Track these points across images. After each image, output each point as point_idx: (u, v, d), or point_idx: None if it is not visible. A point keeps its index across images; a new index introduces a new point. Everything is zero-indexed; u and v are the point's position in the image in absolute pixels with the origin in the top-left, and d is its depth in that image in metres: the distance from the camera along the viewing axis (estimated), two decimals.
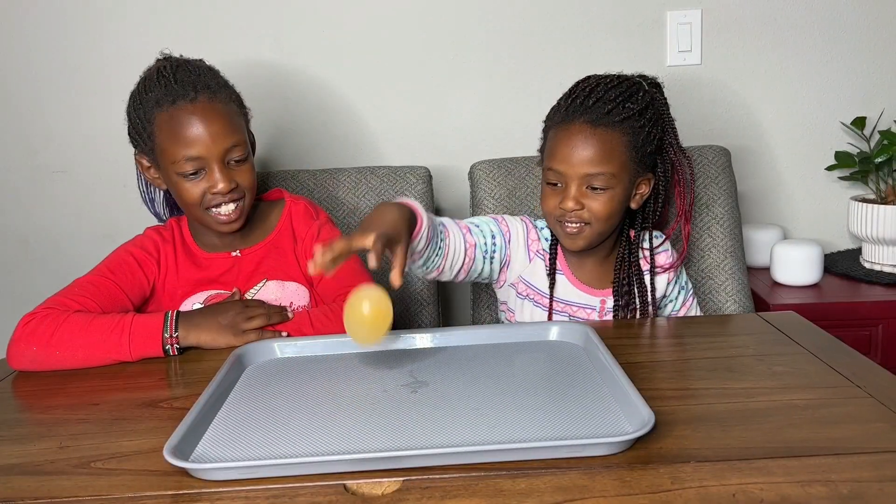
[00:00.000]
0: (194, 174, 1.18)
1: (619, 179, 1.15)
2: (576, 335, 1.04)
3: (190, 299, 1.27)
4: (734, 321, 1.14)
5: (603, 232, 1.19)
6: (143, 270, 1.25)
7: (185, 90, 1.17)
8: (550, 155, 1.18)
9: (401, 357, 1.02)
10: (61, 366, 1.08)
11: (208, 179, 1.18)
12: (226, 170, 1.19)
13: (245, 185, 1.22)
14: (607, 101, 1.15)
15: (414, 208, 1.03)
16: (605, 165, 1.14)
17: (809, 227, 1.91)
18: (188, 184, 1.19)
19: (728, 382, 0.90)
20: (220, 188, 1.18)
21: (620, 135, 1.14)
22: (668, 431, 0.78)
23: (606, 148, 1.13)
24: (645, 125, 1.17)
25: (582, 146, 1.13)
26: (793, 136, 1.86)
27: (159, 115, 1.18)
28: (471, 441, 0.76)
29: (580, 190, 1.15)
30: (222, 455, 0.77)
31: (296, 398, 0.90)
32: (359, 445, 0.77)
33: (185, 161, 1.17)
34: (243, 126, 1.24)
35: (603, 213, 1.16)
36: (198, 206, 1.21)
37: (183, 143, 1.16)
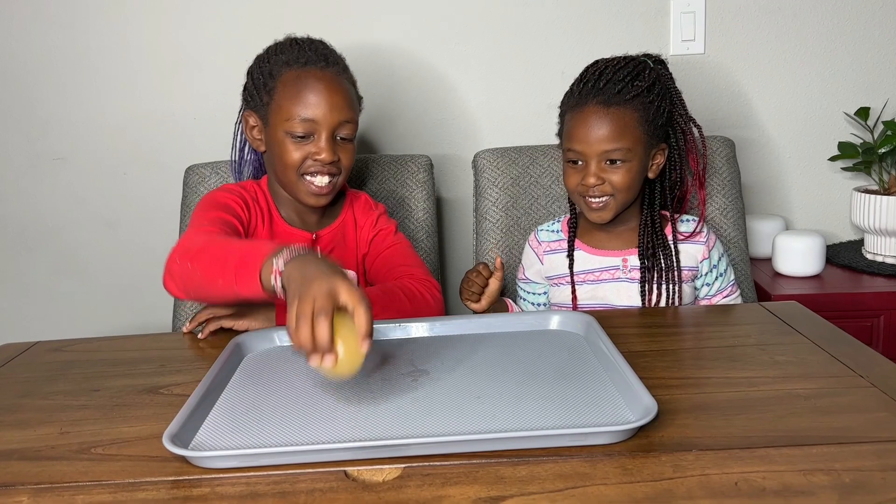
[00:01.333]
0: (303, 137, 1.20)
1: (635, 152, 1.22)
2: (577, 324, 1.04)
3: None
4: (737, 311, 1.14)
5: (626, 201, 1.26)
6: (235, 210, 1.21)
7: (318, 58, 1.21)
8: (569, 137, 1.25)
9: (401, 346, 1.02)
10: (192, 288, 1.00)
11: (315, 145, 1.20)
12: (333, 142, 1.21)
13: (345, 163, 1.24)
14: (617, 81, 1.22)
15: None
16: (621, 141, 1.20)
17: (812, 217, 1.91)
18: (293, 145, 1.20)
19: (730, 371, 0.90)
20: (324, 157, 1.19)
21: (632, 111, 1.21)
22: (670, 420, 0.77)
23: (620, 125, 1.20)
24: (654, 100, 1.23)
25: (597, 126, 1.21)
26: (796, 127, 1.85)
27: (287, 72, 1.20)
28: (472, 429, 0.76)
29: (599, 166, 1.22)
30: (222, 443, 0.77)
31: (296, 386, 0.90)
32: (359, 433, 0.77)
33: (299, 120, 1.19)
34: (358, 109, 1.27)
35: (623, 184, 1.23)
36: (295, 170, 1.21)
37: (303, 102, 1.18)
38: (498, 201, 1.52)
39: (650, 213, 1.30)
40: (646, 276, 1.28)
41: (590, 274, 1.31)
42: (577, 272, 1.32)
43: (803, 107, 1.84)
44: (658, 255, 1.29)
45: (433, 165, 1.60)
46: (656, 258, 1.28)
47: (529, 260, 1.39)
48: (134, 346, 1.11)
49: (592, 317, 1.02)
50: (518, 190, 1.52)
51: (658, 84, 1.25)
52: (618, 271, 1.30)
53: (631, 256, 1.30)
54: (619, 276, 1.30)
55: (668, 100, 1.27)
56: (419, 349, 1.00)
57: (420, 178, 1.57)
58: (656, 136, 1.25)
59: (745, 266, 1.47)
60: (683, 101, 1.31)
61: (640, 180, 1.26)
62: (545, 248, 1.37)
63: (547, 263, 1.36)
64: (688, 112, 1.32)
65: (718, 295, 1.33)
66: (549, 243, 1.37)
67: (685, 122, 1.31)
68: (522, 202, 1.53)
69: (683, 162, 1.32)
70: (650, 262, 1.28)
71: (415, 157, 1.59)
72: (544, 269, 1.37)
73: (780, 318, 1.07)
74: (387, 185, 1.57)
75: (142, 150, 1.84)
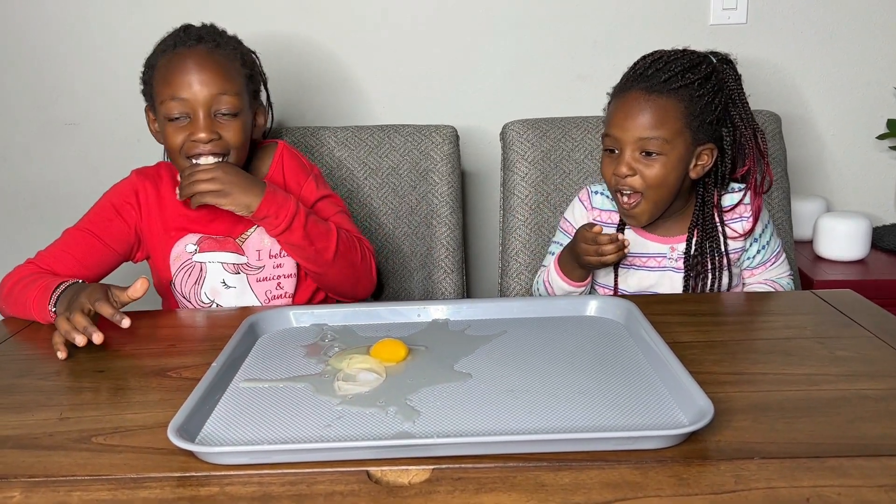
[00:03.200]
0: (178, 118, 1.15)
1: (674, 146, 1.14)
2: (617, 311, 0.96)
3: (181, 241, 1.23)
4: (786, 298, 1.06)
5: (658, 201, 1.17)
6: (123, 217, 1.23)
7: (188, 38, 1.17)
8: (608, 122, 1.19)
9: (424, 332, 0.95)
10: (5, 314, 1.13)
11: (191, 126, 1.15)
12: (211, 120, 1.15)
13: (231, 141, 1.16)
14: (666, 70, 1.15)
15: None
16: (658, 130, 1.13)
17: (855, 199, 1.81)
18: (172, 128, 1.16)
19: (787, 367, 0.82)
20: (201, 136, 1.14)
21: (676, 101, 1.13)
22: (726, 422, 0.70)
23: (660, 113, 1.13)
24: (705, 94, 1.15)
25: (636, 112, 1.14)
26: (842, 102, 1.74)
27: (161, 59, 1.18)
28: (507, 428, 0.69)
29: (634, 155, 1.15)
30: (233, 436, 0.71)
31: (315, 374, 0.83)
32: (384, 430, 0.70)
33: (170, 101, 1.15)
34: (242, 83, 1.19)
35: (655, 179, 1.14)
36: (179, 154, 1.17)
37: (172, 84, 1.15)
38: (527, 176, 1.44)
39: (702, 213, 1.21)
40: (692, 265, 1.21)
41: (636, 258, 1.23)
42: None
43: (850, 81, 1.73)
44: (705, 247, 1.21)
45: (459, 137, 1.52)
46: (704, 250, 1.21)
47: (578, 219, 1.29)
48: (143, 323, 1.05)
49: (633, 303, 0.95)
50: (549, 164, 1.44)
51: (714, 79, 1.16)
52: (664, 259, 1.22)
53: (679, 244, 1.22)
54: (665, 265, 1.23)
55: (724, 97, 1.17)
56: (443, 336, 0.93)
57: (445, 150, 1.49)
58: (703, 132, 1.16)
59: (789, 250, 1.38)
60: (747, 103, 1.20)
61: (676, 178, 1.15)
62: (596, 215, 1.27)
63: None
64: (750, 116, 1.20)
65: (761, 267, 1.25)
66: (602, 212, 1.27)
67: (745, 125, 1.19)
68: (553, 177, 1.44)
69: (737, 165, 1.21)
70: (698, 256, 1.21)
71: (439, 127, 1.51)
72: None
73: (836, 308, 0.99)
74: (409, 157, 1.49)
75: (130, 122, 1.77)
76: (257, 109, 1.24)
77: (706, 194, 1.21)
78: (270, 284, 1.23)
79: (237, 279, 1.22)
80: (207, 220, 1.23)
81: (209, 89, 1.14)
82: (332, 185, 1.49)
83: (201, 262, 1.22)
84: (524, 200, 1.45)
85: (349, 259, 1.18)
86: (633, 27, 1.70)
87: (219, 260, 1.22)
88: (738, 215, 1.22)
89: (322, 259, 1.16)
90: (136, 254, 1.26)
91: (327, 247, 1.16)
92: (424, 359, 0.86)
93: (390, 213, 1.50)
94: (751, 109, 1.20)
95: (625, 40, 1.69)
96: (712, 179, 1.22)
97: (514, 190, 1.45)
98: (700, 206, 1.21)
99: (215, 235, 1.23)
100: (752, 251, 1.24)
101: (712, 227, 1.21)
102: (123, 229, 1.23)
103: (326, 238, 1.16)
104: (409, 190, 1.49)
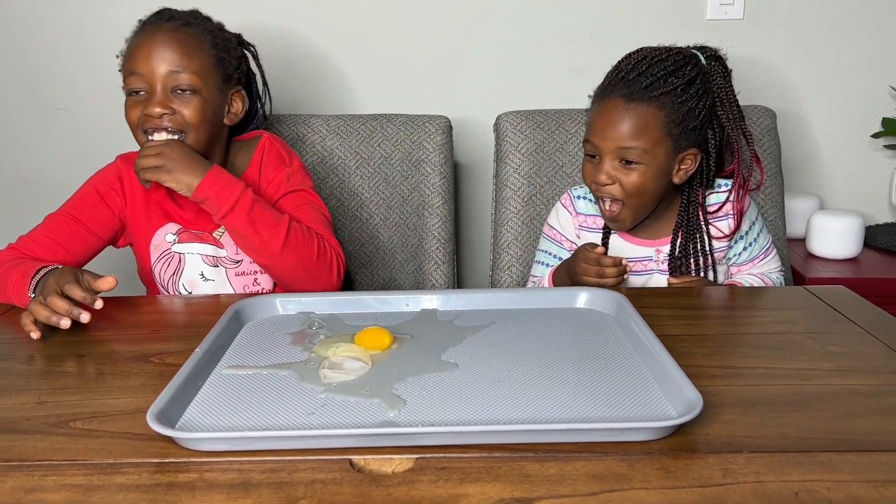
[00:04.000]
0: (137, 93, 1.14)
1: (654, 155, 1.12)
2: (607, 303, 0.95)
3: (161, 230, 1.21)
4: (778, 294, 1.05)
5: (640, 207, 1.16)
6: (107, 204, 1.21)
7: (160, 18, 1.17)
8: (588, 128, 1.17)
9: (412, 322, 0.94)
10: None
11: (147, 101, 1.13)
12: (167, 96, 1.13)
13: (187, 117, 1.13)
14: (648, 75, 1.12)
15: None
16: (638, 140, 1.11)
17: (848, 197, 1.81)
18: (130, 102, 1.15)
19: (778, 362, 0.81)
20: (154, 110, 1.12)
21: (656, 110, 1.11)
22: (715, 416, 0.69)
23: (640, 123, 1.11)
24: (688, 100, 1.12)
25: (615, 120, 1.12)
26: (837, 100, 1.74)
27: (131, 39, 1.18)
28: (493, 418, 0.68)
29: (613, 164, 1.13)
30: (214, 422, 0.69)
31: (299, 362, 0.82)
32: (368, 418, 0.69)
33: (129, 76, 1.14)
34: (207, 63, 1.15)
35: (635, 187, 1.13)
36: (137, 129, 1.15)
37: (133, 59, 1.14)
38: (520, 168, 1.43)
39: (686, 214, 1.20)
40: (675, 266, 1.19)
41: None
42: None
43: (846, 79, 1.72)
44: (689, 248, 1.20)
45: (452, 128, 1.51)
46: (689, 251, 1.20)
47: (564, 226, 1.27)
48: (126, 309, 1.03)
49: (624, 295, 0.94)
50: (542, 157, 1.43)
51: (698, 82, 1.13)
52: (650, 262, 1.21)
53: (664, 246, 1.21)
54: (652, 268, 1.21)
55: (709, 101, 1.14)
56: (431, 326, 0.92)
57: (437, 141, 1.47)
58: (685, 139, 1.13)
59: (782, 248, 1.38)
60: (736, 102, 1.17)
61: (657, 186, 1.14)
62: (581, 221, 1.25)
63: (581, 240, 1.25)
64: (736, 116, 1.17)
65: (749, 263, 1.24)
66: (587, 217, 1.25)
67: (733, 125, 1.16)
68: (546, 170, 1.43)
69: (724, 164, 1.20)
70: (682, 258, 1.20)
71: (433, 117, 1.49)
72: (577, 243, 1.26)
73: (828, 304, 0.98)
74: (401, 147, 1.48)
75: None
76: (233, 95, 1.20)
77: (691, 194, 1.20)
78: (248, 279, 1.21)
79: (216, 272, 1.20)
80: (188, 210, 1.21)
81: (165, 65, 1.12)
82: (322, 173, 1.48)
83: (180, 253, 1.20)
84: (517, 192, 1.43)
85: (301, 253, 1.10)
86: (629, 20, 1.69)
87: (197, 251, 1.20)
88: (725, 213, 1.21)
89: (268, 250, 1.09)
90: (119, 240, 1.24)
91: (274, 236, 1.09)
92: (411, 348, 0.85)
93: (381, 203, 1.49)
94: (740, 107, 1.18)
95: (621, 33, 1.68)
96: (698, 180, 1.20)
97: (506, 182, 1.44)
98: (685, 207, 1.20)
99: (194, 230, 1.21)
100: (737, 248, 1.23)
101: (697, 228, 1.20)
102: (107, 216, 1.21)
103: (274, 227, 1.09)
104: (400, 180, 1.48)
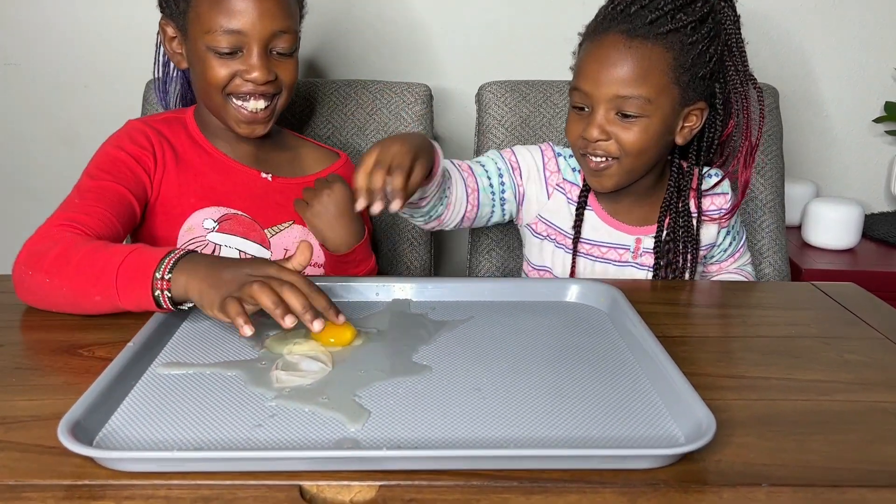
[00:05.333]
0: (229, 54, 0.98)
1: (658, 106, 0.95)
2: (600, 297, 0.85)
3: (201, 212, 1.04)
4: (784, 291, 0.96)
5: (634, 169, 1.00)
6: (142, 166, 1.01)
7: None
8: (577, 73, 0.99)
9: (378, 316, 0.83)
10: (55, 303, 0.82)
11: (244, 61, 0.98)
12: (267, 57, 1.00)
13: (286, 81, 1.03)
14: (653, 8, 0.93)
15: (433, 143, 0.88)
16: (640, 87, 0.93)
17: (844, 184, 1.73)
18: (217, 62, 0.98)
19: (793, 371, 0.72)
20: (256, 76, 0.98)
21: (663, 50, 0.93)
22: (727, 438, 0.60)
23: (644, 65, 0.93)
24: (698, 41, 0.95)
25: (613, 63, 0.94)
26: (839, 82, 1.65)
27: None
28: (470, 436, 0.58)
29: (608, 116, 0.96)
30: (141, 436, 0.58)
31: (248, 360, 0.71)
32: (323, 435, 0.58)
33: (221, 33, 0.97)
34: (298, 17, 1.05)
35: (634, 146, 0.96)
36: (220, 91, 1.00)
37: (226, 10, 0.96)
38: (503, 143, 1.32)
39: (678, 187, 1.05)
40: (658, 268, 1.05)
41: (594, 246, 1.07)
42: (581, 238, 1.07)
43: (850, 60, 1.63)
44: (678, 241, 1.05)
45: (432, 97, 1.39)
46: (676, 243, 1.04)
47: (531, 171, 1.07)
48: None
49: (619, 290, 0.84)
50: (527, 131, 1.32)
51: (710, 22, 0.96)
52: (627, 253, 1.07)
53: (647, 237, 1.06)
54: (627, 260, 1.07)
55: (721, 45, 0.97)
56: (403, 319, 0.82)
57: (416, 111, 1.36)
58: (694, 89, 0.96)
59: (780, 236, 1.29)
60: (744, 51, 1.01)
61: (659, 145, 0.98)
62: (558, 181, 1.07)
63: (551, 202, 1.08)
64: (747, 67, 1.01)
65: (730, 259, 1.14)
66: (566, 183, 1.08)
67: (741, 79, 1.00)
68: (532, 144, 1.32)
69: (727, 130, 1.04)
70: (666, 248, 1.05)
71: (411, 85, 1.38)
72: (545, 206, 1.08)
73: (839, 303, 0.89)
74: (377, 117, 1.36)
75: (105, 61, 1.61)
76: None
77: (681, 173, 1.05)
78: None
79: None
80: (240, 195, 1.06)
81: (271, 24, 0.97)
82: None
83: (216, 244, 1.04)
84: None
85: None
86: None
87: (238, 247, 1.05)
88: (717, 207, 1.08)
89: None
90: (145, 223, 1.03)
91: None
92: (379, 346, 0.74)
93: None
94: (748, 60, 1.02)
95: None
96: (694, 149, 1.05)
97: None
98: (675, 184, 1.05)
99: (244, 214, 1.06)
100: (724, 243, 1.11)
101: (686, 212, 1.05)
102: (144, 181, 1.00)
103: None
104: None
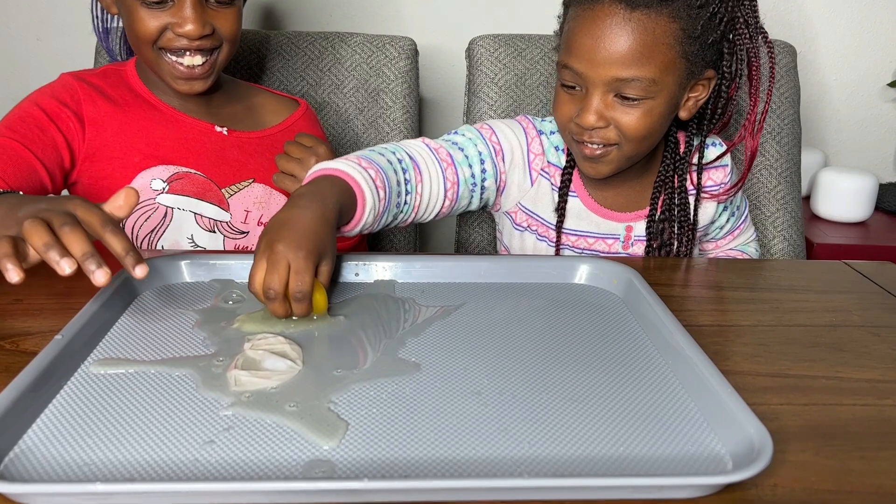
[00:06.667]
0: (158, 3, 0.88)
1: (663, 85, 0.82)
2: (613, 279, 0.74)
3: (146, 173, 0.94)
4: (815, 270, 0.85)
5: (636, 154, 0.88)
6: (58, 126, 0.92)
7: None
8: (567, 46, 0.84)
9: (365, 299, 0.72)
10: None
11: (175, 13, 0.88)
12: (202, 7, 0.89)
13: (225, 32, 0.92)
14: None
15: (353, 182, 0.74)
16: (644, 67, 0.80)
17: (855, 154, 1.64)
18: (145, 13, 0.89)
19: (842, 368, 0.62)
20: (189, 29, 0.88)
21: (669, 20, 0.80)
22: (780, 454, 0.49)
23: (647, 41, 0.79)
24: (708, 3, 0.81)
25: (611, 39, 0.80)
26: (850, 43, 1.55)
27: None
28: (470, 455, 0.47)
29: (605, 100, 0.83)
30: (63, 456, 0.47)
31: (202, 355, 0.60)
32: (288, 455, 0.47)
33: None
34: None
35: (637, 131, 0.83)
36: (150, 46, 0.90)
37: None
38: (496, 104, 1.20)
39: (673, 162, 0.93)
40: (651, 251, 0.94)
41: (580, 238, 0.95)
42: (565, 229, 0.95)
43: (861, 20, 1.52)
44: (674, 223, 0.93)
45: (418, 52, 1.27)
46: (671, 223, 0.93)
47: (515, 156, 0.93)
48: None
49: (636, 270, 0.73)
50: (523, 91, 1.20)
51: None
52: (616, 243, 0.95)
53: (639, 223, 0.95)
54: (617, 251, 0.95)
55: (732, 6, 0.84)
56: (387, 305, 0.70)
57: (400, 67, 1.23)
58: (701, 59, 0.84)
59: (795, 208, 1.19)
60: (756, 6, 0.87)
61: (663, 125, 0.86)
62: (542, 165, 0.94)
63: (534, 190, 0.95)
64: (759, 22, 0.87)
65: (729, 236, 1.04)
66: (550, 166, 0.95)
67: (752, 38, 0.86)
68: (527, 106, 1.21)
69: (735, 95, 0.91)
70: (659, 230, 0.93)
71: (395, 38, 1.25)
72: (525, 196, 0.96)
73: (881, 286, 0.79)
74: (357, 73, 1.23)
75: (59, 12, 1.47)
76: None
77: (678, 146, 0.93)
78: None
79: (210, 238, 0.95)
80: (193, 152, 0.95)
81: None
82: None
83: (167, 207, 0.94)
84: None
85: None
86: None
87: (192, 209, 0.94)
88: (716, 182, 0.96)
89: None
90: (77, 176, 0.94)
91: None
92: (359, 340, 0.63)
93: (331, 141, 1.25)
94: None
95: None
96: (695, 119, 0.92)
97: (479, 119, 1.21)
98: (671, 159, 0.93)
99: (197, 172, 0.95)
100: (721, 220, 1.00)
101: (683, 189, 0.93)
102: (58, 143, 0.91)
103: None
104: (355, 113, 1.24)
